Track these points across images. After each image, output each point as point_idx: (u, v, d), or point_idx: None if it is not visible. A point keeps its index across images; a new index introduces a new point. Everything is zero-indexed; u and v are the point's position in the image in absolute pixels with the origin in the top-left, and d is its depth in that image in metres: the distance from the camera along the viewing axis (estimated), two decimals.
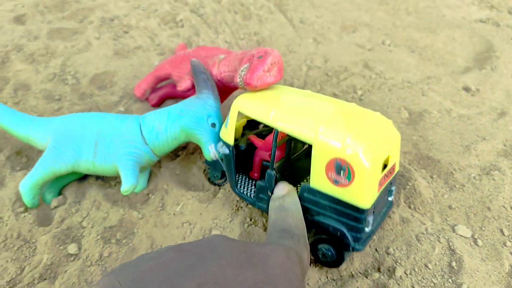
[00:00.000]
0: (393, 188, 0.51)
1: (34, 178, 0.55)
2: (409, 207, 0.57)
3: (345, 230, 0.46)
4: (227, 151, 0.52)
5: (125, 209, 0.57)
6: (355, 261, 0.52)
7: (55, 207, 0.58)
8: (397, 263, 0.52)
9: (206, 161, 0.59)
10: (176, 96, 0.71)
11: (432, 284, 0.50)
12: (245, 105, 0.49)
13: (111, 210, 0.57)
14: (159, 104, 0.71)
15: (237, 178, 0.55)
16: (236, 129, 0.52)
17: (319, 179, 0.45)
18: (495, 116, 0.69)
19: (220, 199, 0.58)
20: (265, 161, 0.55)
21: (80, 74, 0.76)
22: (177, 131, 0.56)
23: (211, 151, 0.55)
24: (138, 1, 0.96)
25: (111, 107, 0.71)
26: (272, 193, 0.50)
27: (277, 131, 0.47)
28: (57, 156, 0.55)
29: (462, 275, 0.50)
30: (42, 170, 0.55)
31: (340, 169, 0.43)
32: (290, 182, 0.52)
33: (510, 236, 0.54)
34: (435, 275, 0.51)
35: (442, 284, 0.50)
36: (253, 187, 0.56)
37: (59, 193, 0.60)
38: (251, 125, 0.59)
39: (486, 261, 0.52)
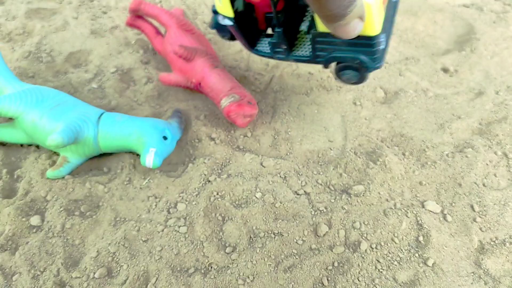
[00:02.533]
0: None
1: None
2: (379, 183, 0.56)
3: (362, 57, 0.48)
4: (230, 22, 0.52)
5: (92, 183, 0.56)
6: (320, 236, 0.51)
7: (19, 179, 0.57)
8: (363, 237, 0.51)
9: (212, 26, 0.59)
10: (147, 36, 0.72)
11: (398, 258, 0.49)
12: None
13: (78, 184, 0.56)
14: (131, 26, 0.72)
15: (249, 40, 0.55)
16: None
17: None
18: (472, 96, 0.68)
19: (188, 173, 0.57)
20: (268, 13, 0.55)
21: (55, 53, 0.76)
22: (131, 129, 0.57)
23: (147, 158, 0.54)
24: None
25: (85, 84, 0.70)
26: (286, 45, 0.52)
27: None
28: (19, 97, 0.56)
29: (429, 250, 0.50)
30: None
31: None
32: (297, 22, 0.55)
33: (480, 212, 0.53)
34: (402, 250, 0.50)
35: (408, 258, 0.49)
36: (266, 40, 0.56)
37: None
38: None
39: (455, 236, 0.51)
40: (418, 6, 0.87)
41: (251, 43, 0.55)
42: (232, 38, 0.58)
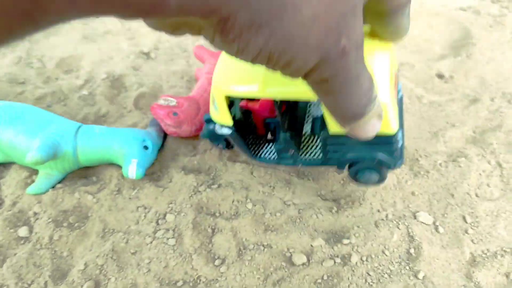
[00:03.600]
0: (400, 84, 0.49)
1: None
2: (371, 194, 0.55)
3: (381, 156, 0.45)
4: (229, 131, 0.49)
5: (80, 193, 0.56)
6: (309, 247, 0.50)
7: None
8: (354, 250, 0.50)
9: (205, 136, 0.56)
10: None
11: (389, 271, 0.49)
12: (230, 88, 0.44)
13: (67, 195, 0.56)
14: None
15: (250, 148, 0.53)
16: None
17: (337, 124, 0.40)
18: (466, 103, 0.68)
19: (177, 184, 0.56)
20: (267, 117, 0.52)
21: (46, 58, 0.75)
22: (111, 140, 0.56)
23: (129, 169, 0.54)
24: None
25: (75, 90, 0.69)
26: (294, 150, 0.49)
27: (278, 101, 0.45)
28: None
29: (420, 263, 0.49)
30: None
31: None
32: (300, 124, 0.52)
33: (472, 224, 0.53)
34: (392, 262, 0.49)
35: (399, 271, 0.49)
36: (267, 145, 0.53)
37: None
38: None
39: (446, 248, 0.51)
40: (414, 10, 0.86)
41: (253, 151, 0.52)
42: (228, 146, 0.57)
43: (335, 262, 0.49)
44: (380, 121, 0.37)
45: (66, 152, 0.55)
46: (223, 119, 0.48)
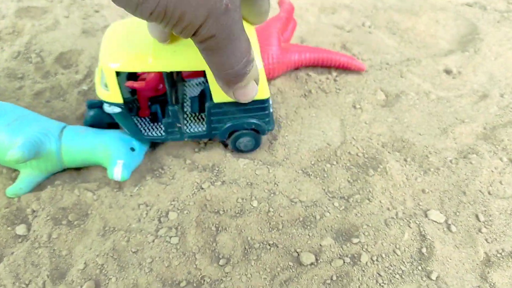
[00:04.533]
0: None
1: None
2: (380, 191, 0.54)
3: (257, 121, 0.53)
4: (119, 109, 0.51)
5: (80, 190, 0.54)
6: (318, 247, 0.48)
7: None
8: (363, 249, 0.48)
9: (87, 122, 0.58)
10: None
11: (400, 272, 0.47)
12: (119, 63, 0.46)
13: (66, 192, 0.54)
14: None
15: (138, 127, 0.55)
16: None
17: (220, 93, 0.48)
18: (476, 99, 0.66)
19: (179, 180, 0.55)
20: (151, 97, 0.56)
21: (45, 53, 0.73)
22: (97, 141, 0.54)
23: (115, 170, 0.52)
24: None
25: (74, 85, 0.68)
26: (181, 124, 0.53)
27: (166, 73, 0.49)
28: None
29: (433, 262, 0.47)
30: None
31: None
32: (180, 104, 0.56)
33: (486, 222, 0.51)
34: (404, 262, 0.48)
35: (410, 271, 0.47)
36: (154, 124, 0.56)
37: None
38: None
39: (459, 248, 0.49)
40: (419, 5, 0.84)
41: (140, 130, 0.55)
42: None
43: (344, 261, 0.47)
44: (257, 84, 0.43)
45: (50, 151, 0.52)
46: (113, 96, 0.49)
